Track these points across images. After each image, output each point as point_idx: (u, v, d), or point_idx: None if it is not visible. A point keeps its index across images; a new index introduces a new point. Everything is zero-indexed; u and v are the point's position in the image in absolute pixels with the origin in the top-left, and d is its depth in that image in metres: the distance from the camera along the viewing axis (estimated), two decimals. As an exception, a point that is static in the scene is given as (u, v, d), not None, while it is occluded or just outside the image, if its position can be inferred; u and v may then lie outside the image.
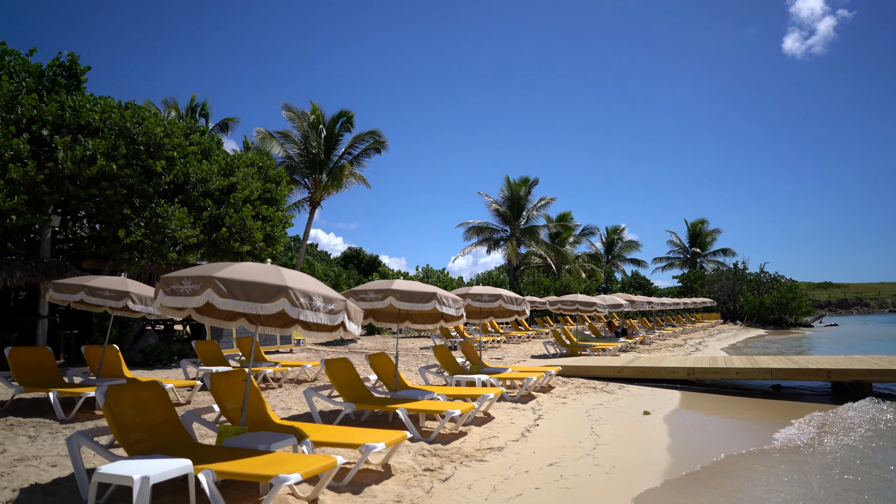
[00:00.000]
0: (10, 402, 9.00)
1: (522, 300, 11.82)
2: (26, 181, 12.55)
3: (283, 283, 5.05)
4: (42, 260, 13.94)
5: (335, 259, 49.15)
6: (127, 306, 9.01)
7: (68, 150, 13.08)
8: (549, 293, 38.92)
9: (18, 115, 13.50)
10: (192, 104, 33.28)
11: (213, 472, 4.43)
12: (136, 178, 13.80)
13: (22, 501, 4.84)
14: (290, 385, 12.15)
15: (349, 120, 30.31)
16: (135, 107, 15.87)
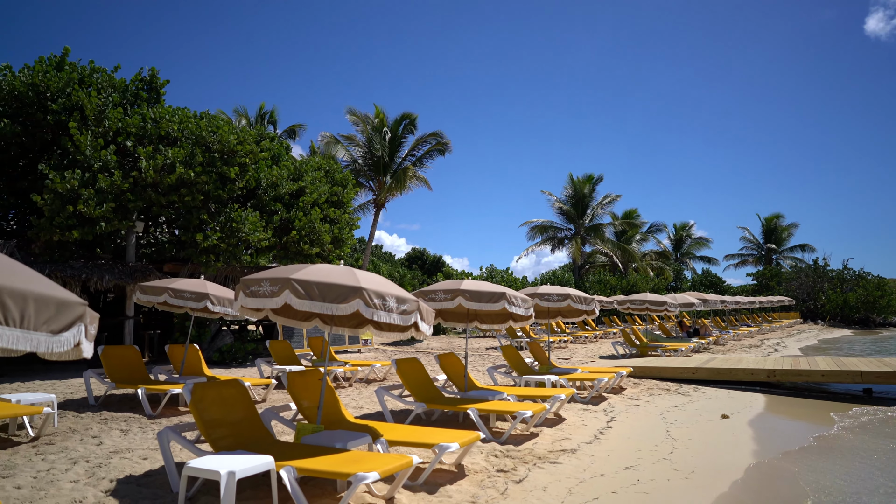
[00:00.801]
0: (103, 398, 9.55)
1: (592, 300, 11.61)
2: (113, 190, 13.28)
3: (358, 284, 5.13)
4: (128, 264, 14.73)
5: (399, 260, 49.76)
6: (206, 307, 9.38)
7: (150, 160, 13.76)
8: (615, 292, 38.11)
9: (106, 129, 14.32)
10: (261, 112, 34.44)
11: (294, 468, 4.54)
12: (211, 185, 14.37)
13: (119, 491, 5.11)
14: (359, 384, 12.36)
15: (412, 122, 30.62)
16: (209, 116, 16.54)
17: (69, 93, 14.61)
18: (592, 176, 46.10)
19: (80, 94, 14.38)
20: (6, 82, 14.37)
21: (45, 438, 7.01)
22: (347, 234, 17.98)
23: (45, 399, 7.69)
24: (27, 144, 14.88)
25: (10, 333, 2.66)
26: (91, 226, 13.24)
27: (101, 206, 13.03)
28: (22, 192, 15.04)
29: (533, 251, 48.25)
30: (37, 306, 2.77)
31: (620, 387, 11.97)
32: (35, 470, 5.71)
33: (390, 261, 47.73)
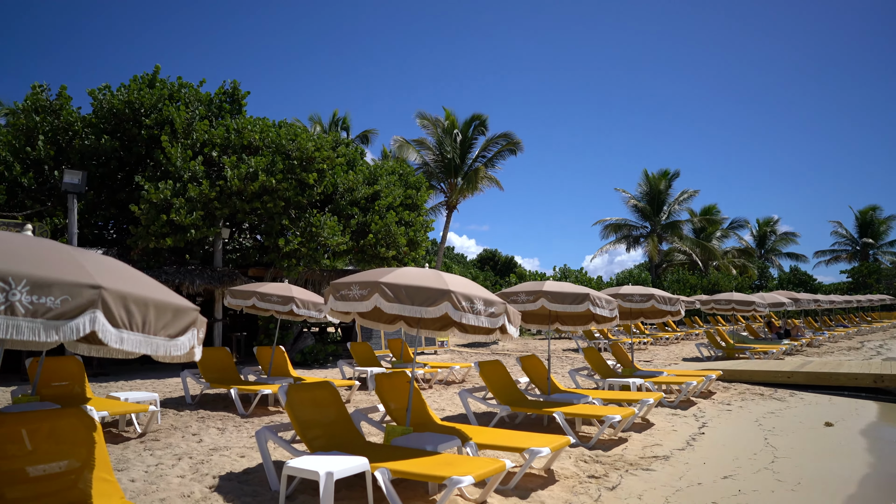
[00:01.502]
0: (199, 397, 10.01)
1: (677, 300, 11.22)
2: (202, 199, 13.93)
3: (446, 287, 5.13)
4: (216, 269, 15.41)
5: (471, 261, 49.83)
6: (292, 310, 9.68)
7: (234, 169, 14.35)
8: (695, 292, 36.71)
9: (193, 140, 15.04)
10: (335, 118, 35.34)
11: (389, 470, 4.59)
12: (291, 191, 14.83)
13: (223, 488, 5.32)
14: (439, 386, 12.42)
15: (482, 123, 30.61)
16: (287, 125, 17.09)
17: (160, 108, 15.46)
18: (668, 171, 44.64)
19: (170, 108, 15.19)
20: (106, 101, 15.36)
21: (150, 435, 7.40)
22: (422, 237, 18.15)
23: (149, 397, 8.13)
24: (125, 158, 15.83)
25: (134, 338, 2.80)
26: (182, 233, 13.93)
27: (192, 215, 13.68)
28: (121, 203, 16.01)
29: (606, 250, 47.19)
30: (156, 312, 2.90)
31: (709, 391, 11.49)
32: (145, 464, 6.04)
33: (462, 262, 47.86)
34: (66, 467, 3.92)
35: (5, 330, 2.46)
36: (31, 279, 2.55)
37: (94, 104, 15.60)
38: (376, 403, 9.98)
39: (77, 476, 3.92)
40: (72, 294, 2.61)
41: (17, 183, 14.77)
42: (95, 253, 3.20)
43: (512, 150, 30.78)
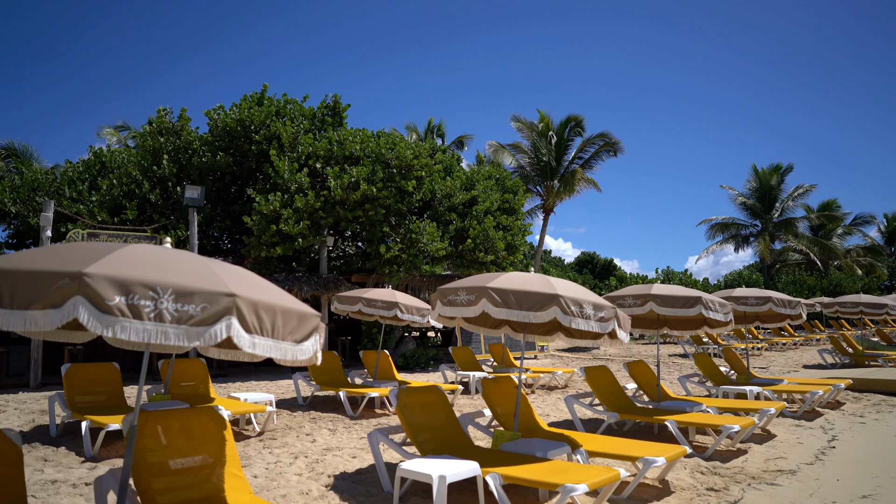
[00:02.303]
0: (310, 398, 10.46)
1: (797, 303, 10.47)
2: (308, 209, 14.58)
3: (554, 292, 5.06)
4: (321, 275, 16.06)
5: (569, 264, 48.99)
6: (396, 315, 9.92)
7: (337, 179, 14.91)
8: (814, 294, 34.12)
9: (299, 153, 15.79)
10: (430, 126, 35.92)
11: (500, 475, 4.58)
12: (392, 199, 15.21)
13: (338, 487, 5.52)
14: (541, 391, 12.28)
15: (578, 124, 30.07)
16: (386, 135, 17.55)
17: (268, 124, 16.34)
18: (780, 166, 41.78)
19: (277, 124, 16.02)
20: (220, 120, 16.44)
21: (268, 434, 7.81)
22: (520, 241, 18.04)
23: (266, 398, 8.58)
24: (237, 173, 16.86)
25: (265, 342, 2.96)
26: (291, 242, 14.63)
27: (299, 224, 14.35)
28: (235, 215, 17.06)
29: (712, 251, 44.81)
30: (284, 318, 3.06)
31: (837, 401, 10.62)
32: (265, 462, 6.38)
33: (560, 266, 47.15)
34: (200, 462, 4.21)
35: (155, 335, 2.67)
36: (175, 288, 2.76)
37: (209, 123, 16.73)
38: (480, 407, 10.02)
39: (211, 471, 4.20)
40: (210, 302, 2.80)
41: (146, 199, 16.09)
42: (227, 263, 3.41)
43: (610, 151, 30.00)
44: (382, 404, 10.14)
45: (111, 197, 15.94)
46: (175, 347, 4.24)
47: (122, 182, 16.06)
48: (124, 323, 2.63)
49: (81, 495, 5.20)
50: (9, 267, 2.70)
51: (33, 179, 17.31)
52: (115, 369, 8.10)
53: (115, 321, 2.62)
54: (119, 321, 2.62)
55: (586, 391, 9.97)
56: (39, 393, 10.92)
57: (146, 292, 2.69)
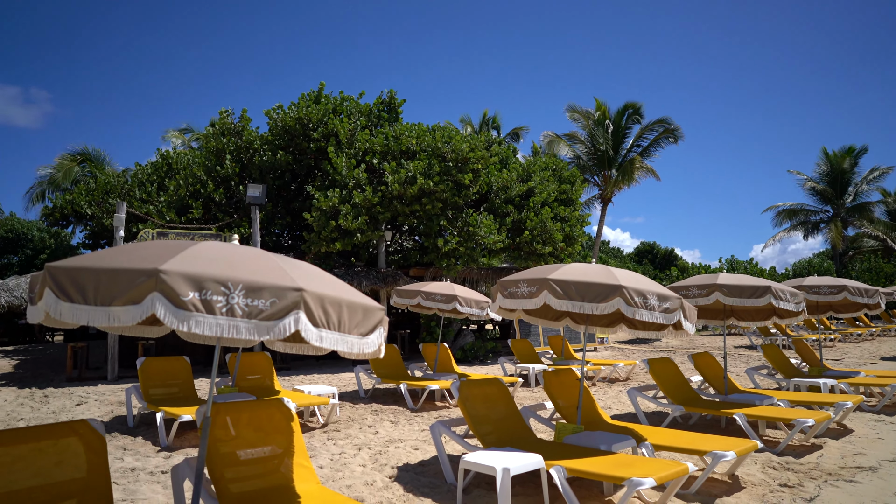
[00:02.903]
0: (371, 391, 10.63)
1: (875, 291, 9.91)
2: (366, 204, 14.78)
3: (617, 283, 4.96)
4: (380, 270, 16.27)
5: (627, 255, 47.97)
6: (455, 308, 9.93)
7: (394, 174, 15.04)
8: (892, 282, 32.26)
9: (356, 150, 16.01)
10: (485, 118, 35.76)
11: (564, 468, 4.53)
12: (448, 192, 15.23)
13: (402, 478, 5.59)
14: (602, 384, 12.09)
15: (636, 111, 29.33)
16: (441, 128, 17.58)
17: (326, 122, 16.63)
18: (853, 148, 39.58)
19: (335, 121, 16.29)
20: (279, 119, 16.85)
21: (331, 425, 7.98)
22: (578, 232, 17.78)
23: (329, 391, 8.77)
24: (297, 170, 17.25)
25: (332, 336, 3.01)
26: (350, 237, 14.87)
27: (357, 220, 14.56)
28: (295, 211, 17.47)
29: (779, 239, 42.95)
30: (349, 312, 3.10)
31: (921, 394, 10.01)
32: (330, 453, 6.52)
33: (618, 256, 46.22)
34: (269, 452, 4.33)
35: (227, 329, 2.76)
36: (245, 284, 2.84)
37: (269, 123, 17.17)
38: (540, 400, 9.95)
39: (279, 461, 4.32)
40: (279, 296, 2.87)
41: (211, 198, 16.67)
42: (292, 258, 3.49)
43: (670, 138, 29.15)
44: (443, 397, 10.21)
45: (178, 197, 16.59)
46: (244, 341, 4.38)
47: (188, 182, 16.68)
48: (198, 318, 2.73)
49: (158, 483, 5.45)
50: (92, 266, 2.84)
51: (106, 182, 18.21)
52: (185, 363, 8.44)
53: (190, 316, 2.72)
54: (193, 316, 2.72)
55: (649, 384, 9.75)
56: (116, 385, 11.50)
57: (218, 288, 2.78)
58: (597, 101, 29.94)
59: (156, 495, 5.09)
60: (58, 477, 3.43)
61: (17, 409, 9.06)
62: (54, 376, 12.86)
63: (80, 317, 2.77)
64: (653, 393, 9.32)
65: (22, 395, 10.24)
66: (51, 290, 2.80)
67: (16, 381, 12.16)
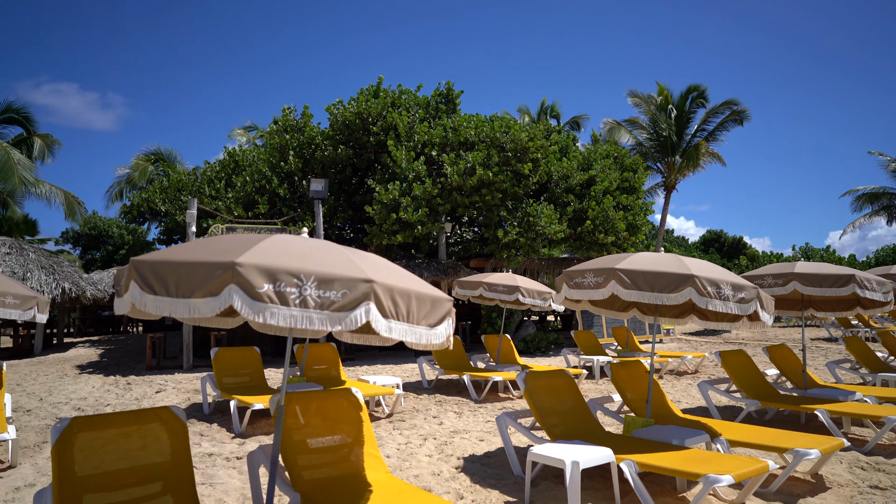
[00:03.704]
0: (434, 382, 10.70)
1: (972, 279, 9.23)
2: (426, 196, 14.85)
3: (689, 272, 4.79)
4: (440, 261, 16.34)
5: (693, 244, 46.45)
6: (517, 299, 9.86)
7: (453, 166, 15.04)
8: None
9: (415, 143, 16.09)
10: (543, 107, 35.26)
11: (635, 463, 4.42)
12: (508, 183, 15.12)
13: (468, 469, 5.59)
14: (670, 376, 11.76)
15: (701, 94, 28.25)
16: (500, 118, 17.45)
17: (385, 115, 16.78)
18: (943, 126, 36.97)
19: (394, 114, 16.41)
20: (339, 114, 17.11)
21: (396, 416, 8.08)
22: (642, 220, 17.33)
23: (393, 381, 8.87)
24: (357, 164, 17.50)
25: (401, 327, 3.02)
26: (410, 229, 14.98)
27: (417, 212, 14.65)
28: (356, 205, 17.75)
29: (859, 225, 40.56)
30: (418, 303, 3.10)
31: None
32: (396, 443, 6.59)
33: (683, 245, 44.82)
34: (339, 441, 4.41)
35: (301, 321, 2.81)
36: (317, 275, 2.88)
37: (330, 118, 17.46)
38: (606, 392, 9.77)
39: (349, 450, 4.39)
40: (349, 288, 2.90)
41: (276, 194, 17.13)
42: (360, 250, 3.52)
43: (737, 120, 27.96)
44: (506, 388, 10.17)
45: (245, 193, 17.12)
46: (313, 332, 4.47)
47: (254, 179, 17.18)
48: (273, 309, 2.78)
49: (234, 468, 5.64)
50: (172, 259, 2.95)
51: (178, 181, 18.99)
52: (255, 353, 8.71)
53: (265, 307, 2.77)
54: (268, 307, 2.78)
55: (720, 377, 9.42)
56: (191, 374, 12.00)
57: (291, 280, 2.83)
58: (659, 86, 29.03)
59: (232, 480, 5.27)
60: (144, 460, 3.59)
61: (104, 395, 9.58)
62: (135, 365, 13.54)
63: (163, 308, 2.88)
64: (725, 387, 8.99)
65: (108, 383, 10.83)
66: (136, 283, 2.91)
67: (101, 368, 12.88)
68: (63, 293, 16.27)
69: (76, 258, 36.94)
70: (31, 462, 5.79)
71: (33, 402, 9.02)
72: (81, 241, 38.75)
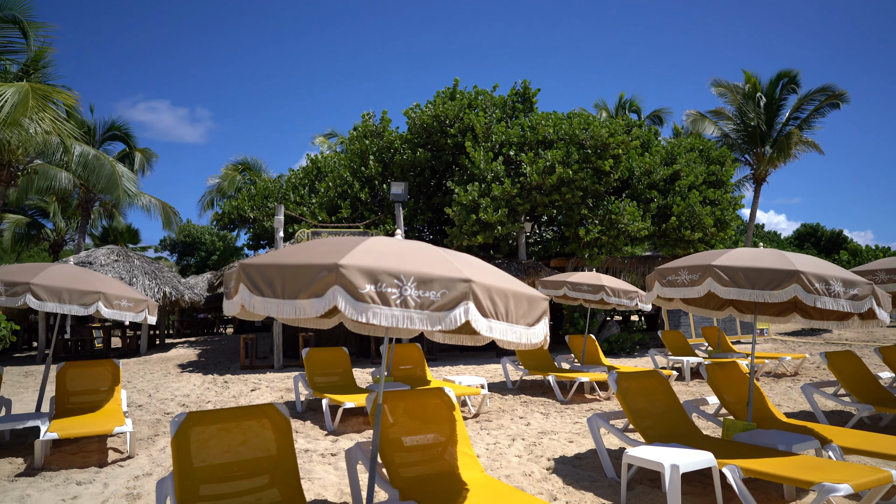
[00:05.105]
0: (518, 382, 10.64)
1: None
2: (505, 196, 14.80)
3: (793, 268, 4.54)
4: (521, 261, 16.24)
5: (786, 239, 43.96)
6: (602, 299, 9.66)
7: (532, 165, 14.92)
8: None
9: (493, 143, 16.08)
10: (621, 102, 34.37)
11: (739, 468, 4.22)
12: (588, 180, 14.84)
13: (559, 470, 5.53)
14: (767, 378, 11.18)
15: (792, 80, 26.70)
16: (578, 115, 17.15)
17: (462, 117, 16.86)
18: None
19: (471, 116, 16.46)
20: (417, 118, 17.34)
21: (483, 416, 8.09)
22: (731, 215, 16.56)
23: (478, 381, 8.90)
24: (436, 167, 17.68)
25: (500, 326, 3.03)
26: (490, 230, 14.98)
27: (497, 212, 14.63)
28: (436, 207, 17.93)
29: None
30: (515, 302, 3.10)
31: None
32: (485, 443, 6.61)
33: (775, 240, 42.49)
34: (433, 440, 4.46)
35: (402, 320, 2.86)
36: (416, 276, 2.93)
37: (408, 122, 17.73)
38: (697, 394, 9.42)
39: (443, 448, 4.44)
40: (448, 288, 2.93)
41: (357, 198, 17.56)
42: (456, 251, 3.55)
43: (833, 104, 26.24)
44: (592, 389, 9.98)
45: (328, 198, 17.65)
46: (409, 332, 4.55)
47: (336, 184, 17.69)
48: (375, 309, 2.85)
49: (329, 464, 5.83)
50: (277, 262, 3.08)
51: (264, 188, 19.82)
52: (344, 353, 8.96)
53: (368, 308, 2.85)
54: (371, 307, 2.85)
55: (825, 380, 8.87)
56: (282, 373, 12.49)
57: (392, 280, 2.89)
58: (745, 73, 27.64)
59: (328, 475, 5.44)
60: (252, 454, 3.77)
61: (204, 392, 10.14)
62: (230, 364, 14.24)
63: (271, 309, 3.01)
64: (833, 390, 8.45)
65: (207, 381, 11.45)
66: (245, 285, 3.06)
67: (200, 367, 13.63)
68: (164, 297, 17.32)
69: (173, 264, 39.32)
70: (147, 453, 6.21)
71: (143, 397, 9.66)
72: (177, 248, 41.22)
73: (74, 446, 6.44)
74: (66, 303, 5.83)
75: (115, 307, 6.11)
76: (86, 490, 5.04)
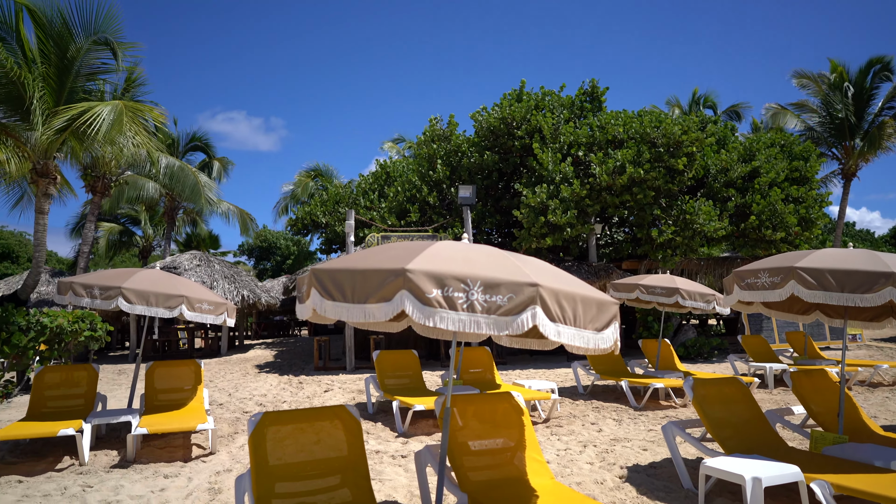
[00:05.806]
0: (590, 387, 10.44)
1: None
2: (574, 198, 14.57)
3: (888, 269, 4.24)
4: (591, 264, 15.94)
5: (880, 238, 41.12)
6: (677, 302, 9.34)
7: (602, 165, 14.61)
8: None
9: (561, 144, 15.86)
10: (695, 97, 33.17)
11: (829, 484, 3.98)
12: (661, 180, 14.40)
13: (633, 479, 5.37)
14: (860, 388, 10.49)
15: (885, 66, 24.97)
16: (649, 112, 16.67)
17: (529, 119, 16.72)
18: None
19: (538, 117, 16.31)
20: (484, 121, 17.34)
21: (553, 421, 7.98)
22: (817, 214, 15.65)
23: (548, 386, 8.78)
24: (503, 169, 17.62)
25: (568, 331, 2.97)
26: (559, 232, 14.78)
27: (566, 214, 14.42)
28: (504, 209, 17.86)
29: None
30: (584, 306, 3.04)
31: None
32: (555, 449, 6.51)
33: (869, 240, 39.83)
34: (502, 445, 4.43)
35: (469, 325, 2.86)
36: (483, 280, 2.92)
37: (475, 125, 17.75)
38: (781, 403, 8.95)
39: (513, 453, 4.40)
40: (515, 292, 2.90)
41: (426, 202, 17.74)
42: (524, 255, 3.52)
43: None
44: (667, 396, 9.66)
45: (397, 202, 17.91)
46: (477, 336, 4.54)
47: (405, 188, 17.93)
48: (442, 313, 2.86)
49: (399, 466, 5.89)
50: (347, 267, 3.14)
51: (336, 194, 20.33)
52: (414, 356, 9.05)
53: (435, 312, 2.86)
54: (437, 312, 2.86)
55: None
56: (354, 375, 12.75)
57: (458, 285, 2.90)
58: (832, 63, 26.09)
59: (398, 477, 5.50)
60: (324, 453, 3.87)
61: (280, 392, 10.49)
62: (304, 365, 14.67)
63: (341, 313, 3.07)
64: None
65: (282, 381, 11.84)
66: (316, 290, 3.15)
67: (276, 368, 14.11)
68: (243, 300, 18.06)
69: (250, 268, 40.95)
70: (227, 450, 6.48)
71: (223, 396, 10.09)
72: (254, 253, 42.92)
73: (162, 441, 6.81)
74: (153, 306, 6.17)
75: (197, 310, 6.41)
76: (172, 483, 5.31)
